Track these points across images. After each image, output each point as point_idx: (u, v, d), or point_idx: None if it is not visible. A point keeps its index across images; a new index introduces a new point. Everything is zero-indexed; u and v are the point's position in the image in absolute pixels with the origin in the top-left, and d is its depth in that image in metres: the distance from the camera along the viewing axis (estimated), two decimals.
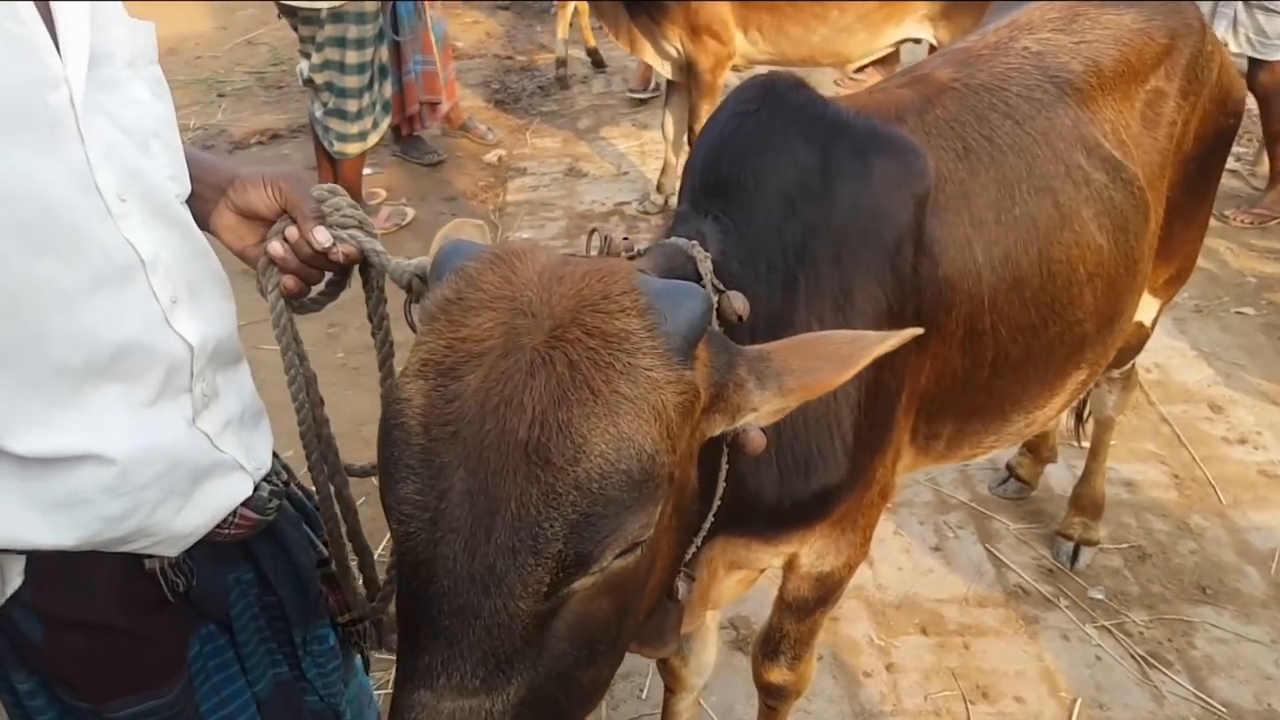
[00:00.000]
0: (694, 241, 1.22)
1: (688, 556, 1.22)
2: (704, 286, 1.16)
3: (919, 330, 1.03)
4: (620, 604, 0.91)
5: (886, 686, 2.34)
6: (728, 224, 1.29)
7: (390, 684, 2.19)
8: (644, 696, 2.28)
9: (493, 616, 0.81)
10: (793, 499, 1.39)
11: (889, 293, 1.39)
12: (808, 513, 1.44)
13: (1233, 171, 5.05)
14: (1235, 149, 5.05)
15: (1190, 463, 3.11)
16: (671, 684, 1.91)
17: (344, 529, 1.31)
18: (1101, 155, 1.71)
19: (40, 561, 1.00)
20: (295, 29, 4.15)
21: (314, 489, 1.29)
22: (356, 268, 1.19)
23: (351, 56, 4.03)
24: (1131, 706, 2.31)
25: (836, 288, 1.35)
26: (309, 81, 4.11)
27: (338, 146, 4.15)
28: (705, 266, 1.19)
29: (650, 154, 5.40)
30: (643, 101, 6.00)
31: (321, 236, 1.11)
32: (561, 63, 6.42)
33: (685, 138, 4.45)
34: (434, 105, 5.01)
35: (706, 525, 1.20)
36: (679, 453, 0.90)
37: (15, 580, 1.01)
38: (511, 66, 6.87)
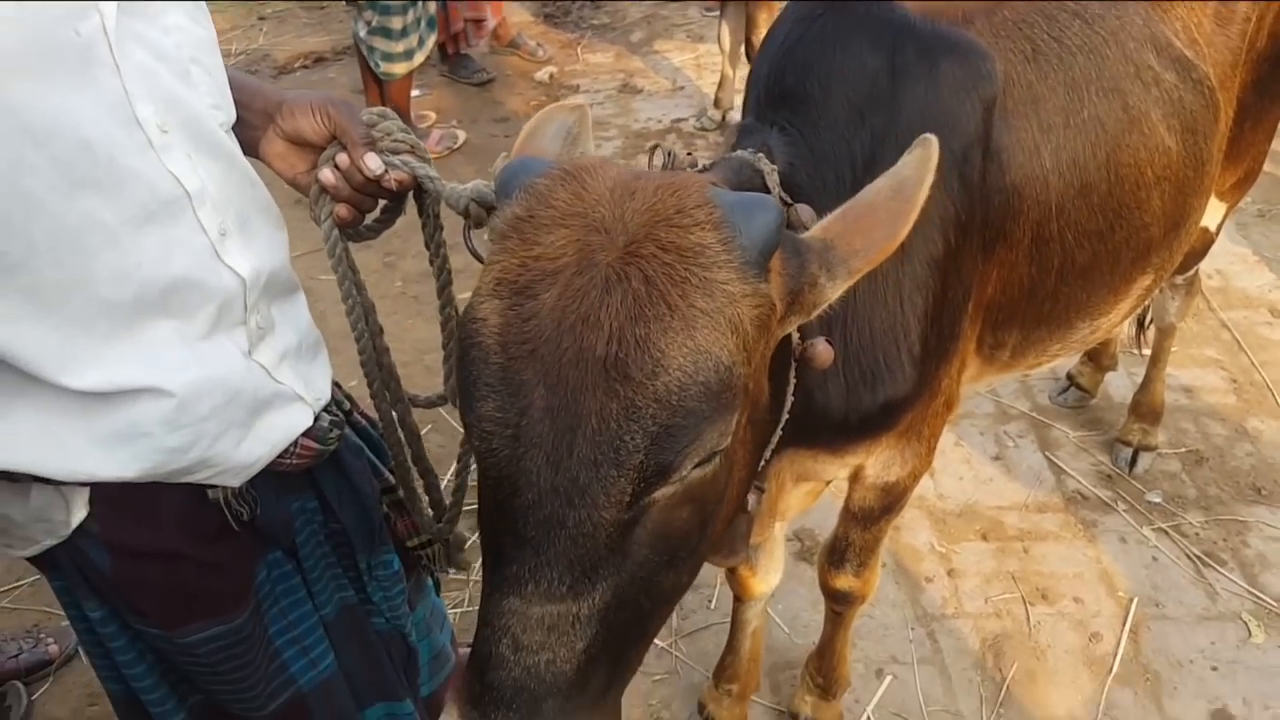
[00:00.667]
0: (760, 154, 1.22)
1: (759, 467, 1.26)
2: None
3: (931, 138, 1.03)
4: (700, 512, 0.93)
5: (948, 591, 2.42)
6: (794, 135, 1.29)
7: (465, 603, 2.33)
8: (713, 606, 2.38)
9: (577, 526, 0.83)
10: (859, 412, 1.42)
11: (957, 201, 1.40)
12: (874, 425, 1.46)
13: None
14: None
15: (1249, 367, 3.09)
16: (740, 593, 1.98)
17: (409, 454, 1.32)
18: (1172, 54, 1.67)
19: (105, 492, 1.01)
20: None
21: (377, 417, 1.29)
22: (411, 194, 1.16)
23: None
24: (1186, 604, 2.36)
25: None
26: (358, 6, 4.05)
27: (384, 67, 4.10)
28: (773, 180, 1.19)
29: (706, 68, 5.29)
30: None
31: (373, 163, 1.08)
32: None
33: (743, 49, 4.34)
34: (479, 22, 4.96)
35: (775, 438, 1.22)
36: (754, 365, 0.91)
37: (80, 512, 1.02)
38: None
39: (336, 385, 1.28)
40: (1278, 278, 3.51)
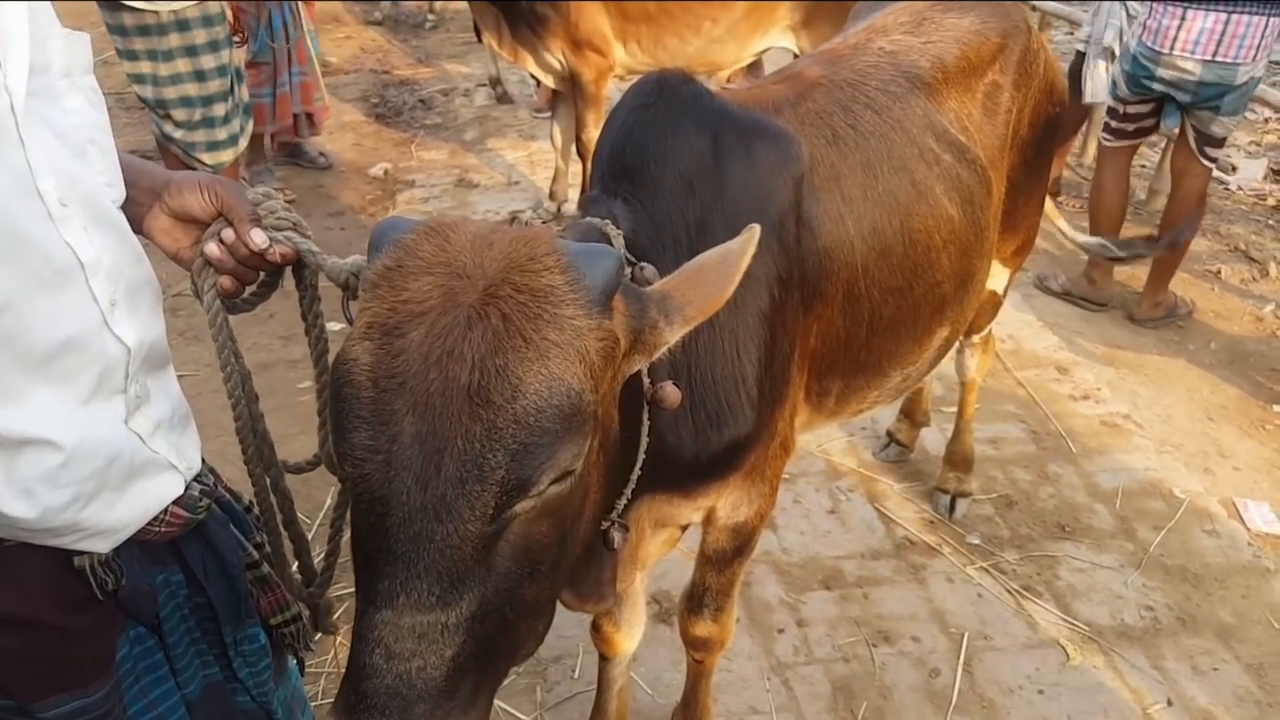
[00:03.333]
0: (607, 220, 1.36)
1: (620, 506, 1.35)
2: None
3: (755, 227, 1.17)
4: (559, 527, 1.02)
5: (799, 640, 2.54)
6: (635, 205, 1.44)
7: (320, 696, 2.24)
8: (576, 676, 2.40)
9: (445, 540, 0.90)
10: (708, 451, 1.55)
11: (778, 262, 1.57)
12: (722, 464, 1.60)
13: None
14: None
15: (1044, 419, 3.47)
16: (606, 650, 2.02)
17: (280, 519, 1.34)
18: (949, 139, 1.96)
19: None
20: (122, 43, 3.80)
21: (249, 485, 1.30)
22: (290, 269, 1.22)
23: (208, 61, 3.93)
24: (1011, 634, 2.58)
25: None
26: (158, 101, 3.92)
27: (209, 157, 4.02)
28: (618, 242, 1.33)
29: (539, 163, 5.51)
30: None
31: (259, 238, 1.15)
32: (496, 81, 6.43)
33: (574, 147, 4.59)
34: (311, 116, 5.02)
35: (634, 476, 1.33)
36: (602, 392, 1.02)
37: None
38: (390, 81, 6.88)
39: (202, 460, 1.28)
40: (1060, 340, 3.99)
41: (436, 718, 0.92)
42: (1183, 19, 3.62)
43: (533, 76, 4.80)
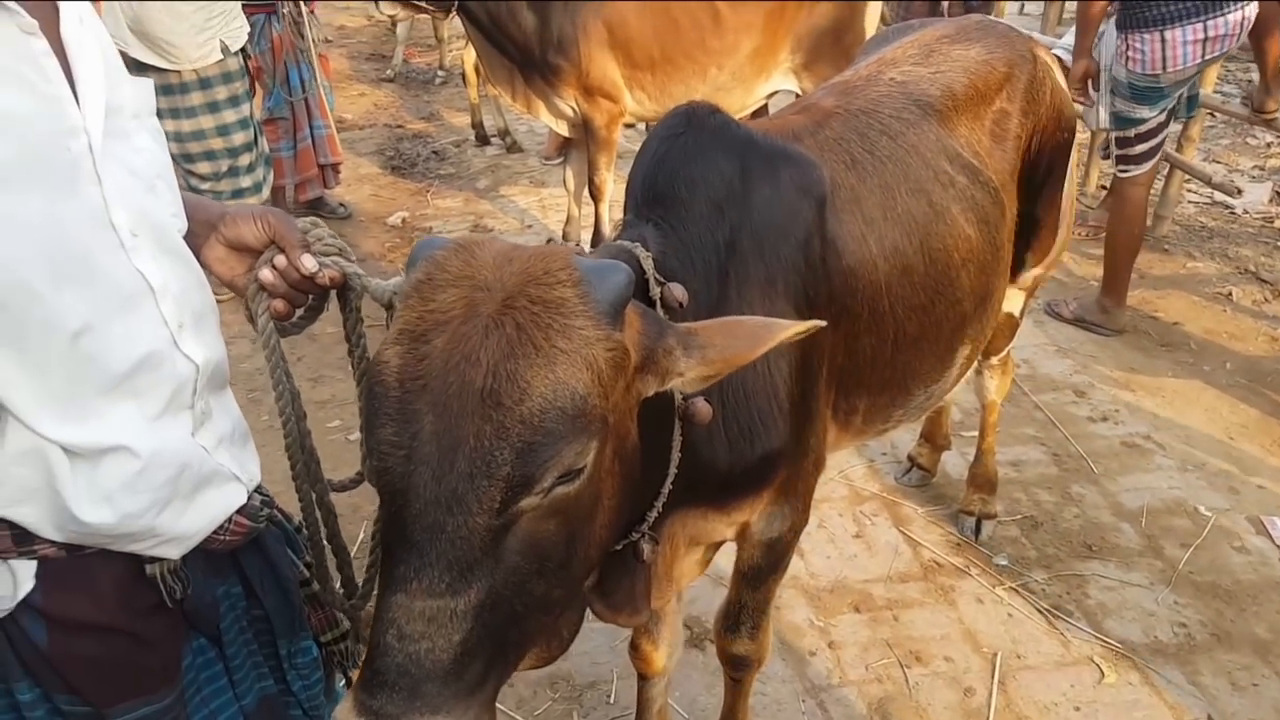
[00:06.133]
0: (637, 244, 1.42)
1: (650, 518, 1.39)
2: (647, 280, 1.36)
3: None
4: (566, 527, 1.07)
5: (831, 662, 2.55)
6: (666, 229, 1.50)
7: None
8: (612, 701, 2.41)
9: (455, 531, 0.97)
10: (741, 465, 1.59)
11: (804, 280, 1.63)
12: (755, 479, 1.64)
13: None
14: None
15: (1064, 440, 3.49)
16: (644, 668, 2.05)
17: (324, 533, 1.40)
18: (962, 162, 2.03)
19: (48, 566, 1.06)
20: None
21: (297, 501, 1.36)
22: (335, 293, 1.31)
23: (230, 115, 4.10)
24: (1043, 653, 2.58)
25: (762, 277, 1.57)
26: (183, 156, 4.03)
27: (234, 204, 4.15)
28: (648, 263, 1.39)
29: (551, 208, 5.63)
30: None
31: (309, 263, 1.23)
32: (479, 124, 6.62)
33: (587, 190, 4.69)
34: (335, 167, 5.15)
35: (665, 489, 1.38)
36: (611, 401, 1.07)
37: (26, 584, 1.05)
38: (404, 135, 7.04)
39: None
40: (1074, 363, 4.02)
41: (443, 697, 0.97)
42: (1164, 41, 3.66)
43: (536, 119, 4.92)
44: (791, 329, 1.18)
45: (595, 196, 4.56)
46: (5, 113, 0.93)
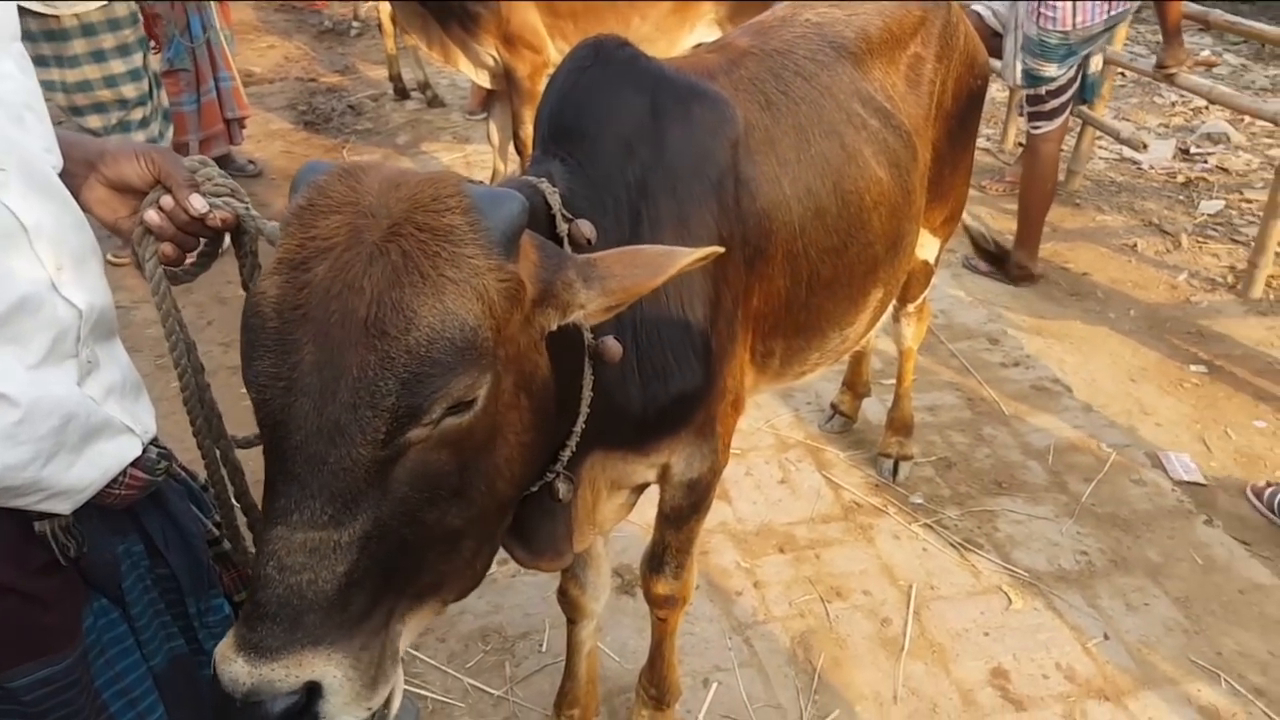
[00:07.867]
0: (543, 179, 1.39)
1: (564, 457, 1.36)
2: (554, 216, 1.33)
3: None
4: (458, 458, 1.04)
5: (757, 600, 2.62)
6: (574, 165, 1.47)
7: None
8: (543, 650, 2.43)
9: (338, 462, 0.94)
10: (656, 406, 1.58)
11: (718, 221, 1.63)
12: (672, 420, 1.64)
13: (984, 150, 5.80)
14: (983, 130, 5.80)
15: (977, 386, 3.61)
16: (573, 613, 2.06)
17: (231, 491, 1.34)
18: (875, 105, 2.05)
19: None
20: (32, 49, 3.62)
21: (201, 466, 1.30)
22: (229, 236, 1.23)
23: (118, 65, 3.86)
24: (955, 584, 2.69)
25: (675, 217, 1.57)
26: (71, 108, 3.82)
27: (116, 139, 3.96)
28: (554, 199, 1.35)
29: (475, 164, 5.52)
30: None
31: (198, 203, 1.15)
32: (396, 77, 6.41)
33: (512, 145, 4.61)
34: (241, 121, 4.95)
35: (578, 428, 1.35)
36: (506, 333, 1.05)
37: None
38: (317, 89, 6.81)
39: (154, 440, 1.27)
40: (988, 313, 4.15)
41: (326, 628, 0.95)
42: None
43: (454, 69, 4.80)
44: (692, 255, 1.16)
45: (521, 151, 4.48)
46: None
